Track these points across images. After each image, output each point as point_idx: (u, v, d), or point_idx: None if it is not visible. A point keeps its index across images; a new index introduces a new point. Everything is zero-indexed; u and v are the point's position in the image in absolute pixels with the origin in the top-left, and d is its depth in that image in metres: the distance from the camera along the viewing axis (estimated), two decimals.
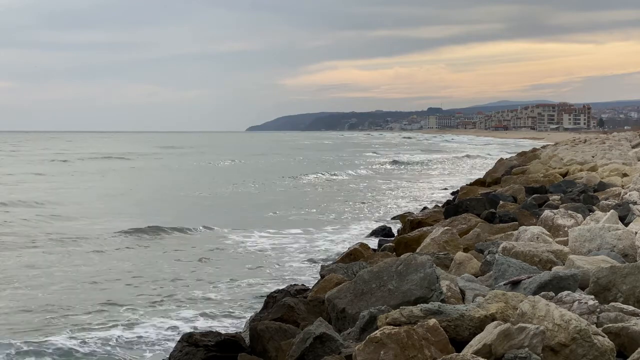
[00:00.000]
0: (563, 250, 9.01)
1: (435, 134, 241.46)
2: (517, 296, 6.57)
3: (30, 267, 15.73)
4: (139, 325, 11.42)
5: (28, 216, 24.18)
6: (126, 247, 18.67)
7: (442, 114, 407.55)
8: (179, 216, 24.59)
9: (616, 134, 74.53)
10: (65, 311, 12.19)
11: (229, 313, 12.15)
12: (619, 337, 5.89)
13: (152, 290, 13.81)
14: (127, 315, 11.96)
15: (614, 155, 31.08)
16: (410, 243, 13.54)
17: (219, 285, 14.20)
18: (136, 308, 12.43)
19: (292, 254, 17.64)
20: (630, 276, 6.91)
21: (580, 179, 21.23)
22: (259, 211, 26.51)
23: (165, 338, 10.67)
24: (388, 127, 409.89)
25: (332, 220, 24.15)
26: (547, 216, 11.88)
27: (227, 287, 14.11)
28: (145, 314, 12.04)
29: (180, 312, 12.23)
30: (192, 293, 13.53)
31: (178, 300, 13.01)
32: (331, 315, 7.85)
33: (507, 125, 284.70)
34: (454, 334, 6.18)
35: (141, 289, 13.90)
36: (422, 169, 56.11)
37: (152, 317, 11.89)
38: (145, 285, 14.25)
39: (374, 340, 5.79)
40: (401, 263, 7.60)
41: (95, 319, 11.70)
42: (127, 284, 14.27)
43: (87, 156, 73.91)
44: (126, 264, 16.31)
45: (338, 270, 10.66)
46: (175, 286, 14.13)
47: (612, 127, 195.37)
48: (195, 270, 15.57)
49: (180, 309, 12.44)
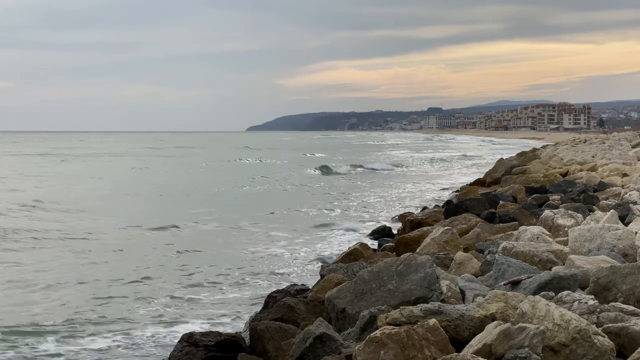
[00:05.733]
0: (563, 250, 9.01)
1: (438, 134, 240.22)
2: (517, 296, 6.57)
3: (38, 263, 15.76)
4: (138, 325, 11.42)
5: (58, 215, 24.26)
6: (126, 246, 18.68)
7: (442, 114, 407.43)
8: (180, 215, 24.59)
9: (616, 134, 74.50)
10: (65, 311, 12.19)
11: (229, 313, 12.15)
12: (619, 337, 5.89)
13: (151, 289, 13.81)
14: (127, 315, 11.96)
15: (614, 155, 31.08)
16: (410, 243, 13.54)
17: (219, 285, 14.20)
18: (136, 308, 12.44)
19: (292, 253, 17.63)
20: (630, 276, 6.91)
21: (580, 179, 21.24)
22: (260, 211, 26.50)
23: (165, 338, 10.67)
24: (388, 127, 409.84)
25: (332, 220, 24.14)
26: (547, 216, 11.88)
27: (227, 287, 14.11)
28: (145, 314, 12.04)
29: (180, 312, 12.23)
30: (192, 293, 13.52)
31: (178, 300, 13.00)
32: (331, 315, 7.85)
33: (507, 125, 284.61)
34: (454, 334, 6.18)
35: (141, 288, 13.90)
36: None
37: (152, 317, 11.89)
38: (145, 285, 14.25)
39: (374, 340, 5.79)
40: (401, 263, 7.60)
41: (94, 319, 11.70)
42: (127, 284, 14.27)
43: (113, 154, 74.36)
44: (126, 264, 16.30)
45: (338, 270, 10.67)
46: (175, 286, 14.13)
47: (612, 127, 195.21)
48: (195, 270, 15.56)
49: (180, 309, 12.44)
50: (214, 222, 23.16)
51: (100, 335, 10.91)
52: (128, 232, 21.00)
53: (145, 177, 46.26)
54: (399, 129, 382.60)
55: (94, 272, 15.34)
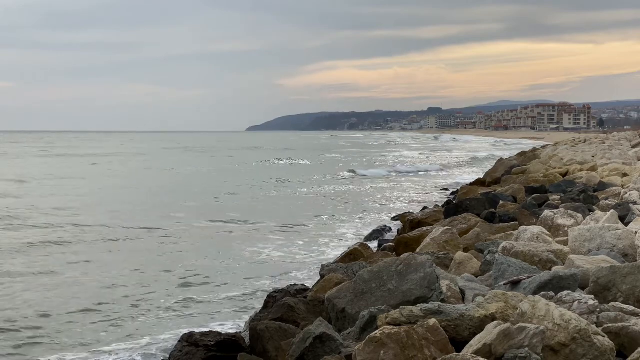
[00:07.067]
0: (563, 250, 9.00)
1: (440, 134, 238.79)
2: (517, 296, 6.57)
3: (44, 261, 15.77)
4: (138, 325, 11.43)
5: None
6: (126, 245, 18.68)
7: (442, 114, 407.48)
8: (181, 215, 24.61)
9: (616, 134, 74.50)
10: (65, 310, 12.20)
11: (229, 313, 12.15)
12: (618, 337, 5.89)
13: (151, 289, 13.81)
14: (127, 315, 11.96)
15: (614, 155, 31.07)
16: (410, 243, 13.54)
17: (219, 285, 14.20)
18: (135, 307, 12.44)
19: (292, 253, 17.63)
20: (630, 276, 6.90)
21: (580, 178, 21.24)
22: (261, 211, 26.50)
23: (165, 338, 10.66)
24: (388, 127, 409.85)
25: (332, 220, 24.14)
26: (547, 216, 11.88)
27: (226, 286, 14.11)
28: (145, 314, 12.04)
29: (180, 311, 12.24)
30: (192, 293, 13.53)
31: (178, 299, 13.00)
32: (331, 315, 7.85)
33: (507, 125, 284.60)
34: (454, 334, 6.17)
35: (140, 288, 13.90)
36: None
37: (152, 317, 11.89)
38: (144, 284, 14.25)
39: (374, 340, 5.79)
40: (401, 263, 7.60)
41: (94, 319, 11.71)
42: (127, 283, 14.27)
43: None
44: (125, 264, 16.30)
45: (338, 270, 10.67)
46: (175, 285, 14.13)
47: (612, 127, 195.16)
48: (195, 270, 15.56)
49: (180, 308, 12.44)
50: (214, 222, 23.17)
51: (99, 335, 10.91)
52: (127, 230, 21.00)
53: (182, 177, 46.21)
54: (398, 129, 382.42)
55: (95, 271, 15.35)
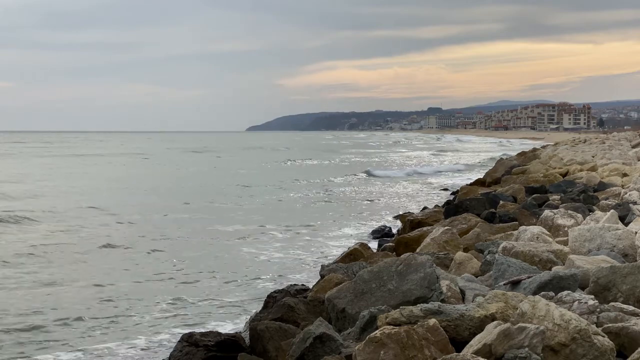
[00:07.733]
0: (563, 250, 9.00)
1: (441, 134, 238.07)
2: (517, 296, 6.57)
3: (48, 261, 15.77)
4: (138, 325, 11.43)
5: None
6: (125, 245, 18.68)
7: (442, 114, 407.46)
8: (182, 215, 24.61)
9: (616, 134, 74.47)
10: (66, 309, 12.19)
11: (229, 313, 12.15)
12: (618, 337, 5.89)
13: (151, 289, 13.81)
14: (127, 315, 11.96)
15: (614, 155, 31.06)
16: (410, 243, 13.53)
17: (219, 285, 14.21)
18: (135, 307, 12.44)
19: (292, 253, 17.63)
20: (630, 276, 6.90)
21: (580, 178, 21.23)
22: (261, 210, 26.51)
23: (165, 338, 10.66)
24: (388, 127, 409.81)
25: (332, 220, 24.14)
26: (547, 216, 11.87)
27: (227, 287, 14.11)
28: (145, 314, 12.04)
29: (180, 311, 12.23)
30: (192, 293, 13.53)
31: (178, 299, 13.01)
32: (331, 315, 7.85)
33: (507, 125, 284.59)
34: (454, 334, 6.17)
35: (140, 288, 13.91)
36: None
37: (152, 317, 11.89)
38: (144, 284, 14.25)
39: (374, 340, 5.78)
40: (401, 263, 7.59)
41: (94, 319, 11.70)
42: (126, 283, 14.27)
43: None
44: (124, 263, 16.31)
45: (338, 270, 10.66)
46: (175, 286, 14.13)
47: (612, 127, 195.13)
48: (195, 270, 15.57)
49: (180, 308, 12.44)
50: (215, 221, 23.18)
51: (99, 335, 10.91)
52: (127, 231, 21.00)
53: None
54: (398, 129, 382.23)
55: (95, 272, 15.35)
